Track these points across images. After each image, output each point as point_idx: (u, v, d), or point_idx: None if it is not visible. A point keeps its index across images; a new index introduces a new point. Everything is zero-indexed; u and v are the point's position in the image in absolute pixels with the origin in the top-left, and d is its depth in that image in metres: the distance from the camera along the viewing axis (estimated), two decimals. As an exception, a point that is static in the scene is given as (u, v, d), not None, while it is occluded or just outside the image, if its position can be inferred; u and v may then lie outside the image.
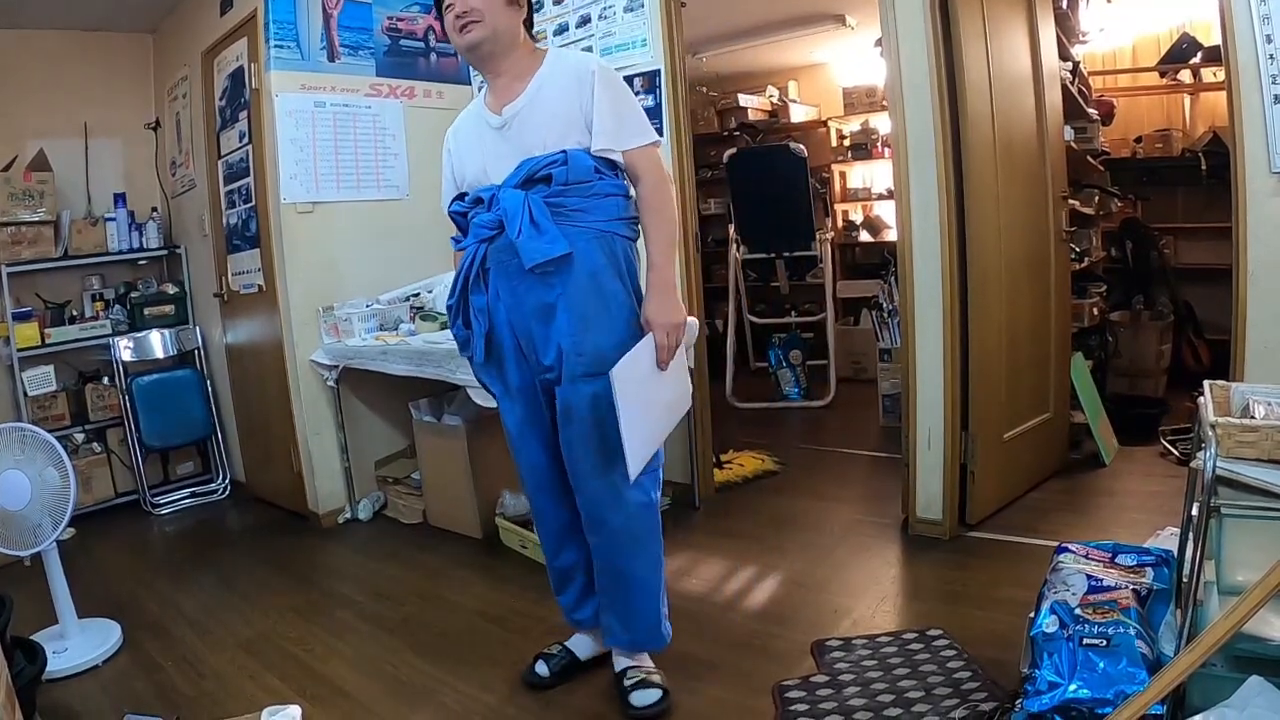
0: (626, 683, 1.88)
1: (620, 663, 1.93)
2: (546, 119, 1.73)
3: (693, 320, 2.91)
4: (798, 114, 6.42)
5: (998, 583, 2.33)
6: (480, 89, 1.89)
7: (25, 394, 3.51)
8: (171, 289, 3.99)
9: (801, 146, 4.76)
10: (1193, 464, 1.50)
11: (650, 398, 1.74)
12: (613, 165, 1.77)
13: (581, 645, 2.05)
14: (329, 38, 3.31)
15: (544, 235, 1.69)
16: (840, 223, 6.22)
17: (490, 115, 1.80)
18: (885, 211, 5.94)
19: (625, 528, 1.82)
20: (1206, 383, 1.60)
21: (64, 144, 3.78)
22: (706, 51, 5.63)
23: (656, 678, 1.89)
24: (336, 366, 3.22)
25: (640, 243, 1.85)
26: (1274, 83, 2.05)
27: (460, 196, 1.89)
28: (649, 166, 1.78)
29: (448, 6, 1.74)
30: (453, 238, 1.94)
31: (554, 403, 1.83)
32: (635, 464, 1.70)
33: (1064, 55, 3.59)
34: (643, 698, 1.84)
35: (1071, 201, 3.44)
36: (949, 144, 2.54)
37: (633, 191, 1.81)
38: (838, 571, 2.53)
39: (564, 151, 1.72)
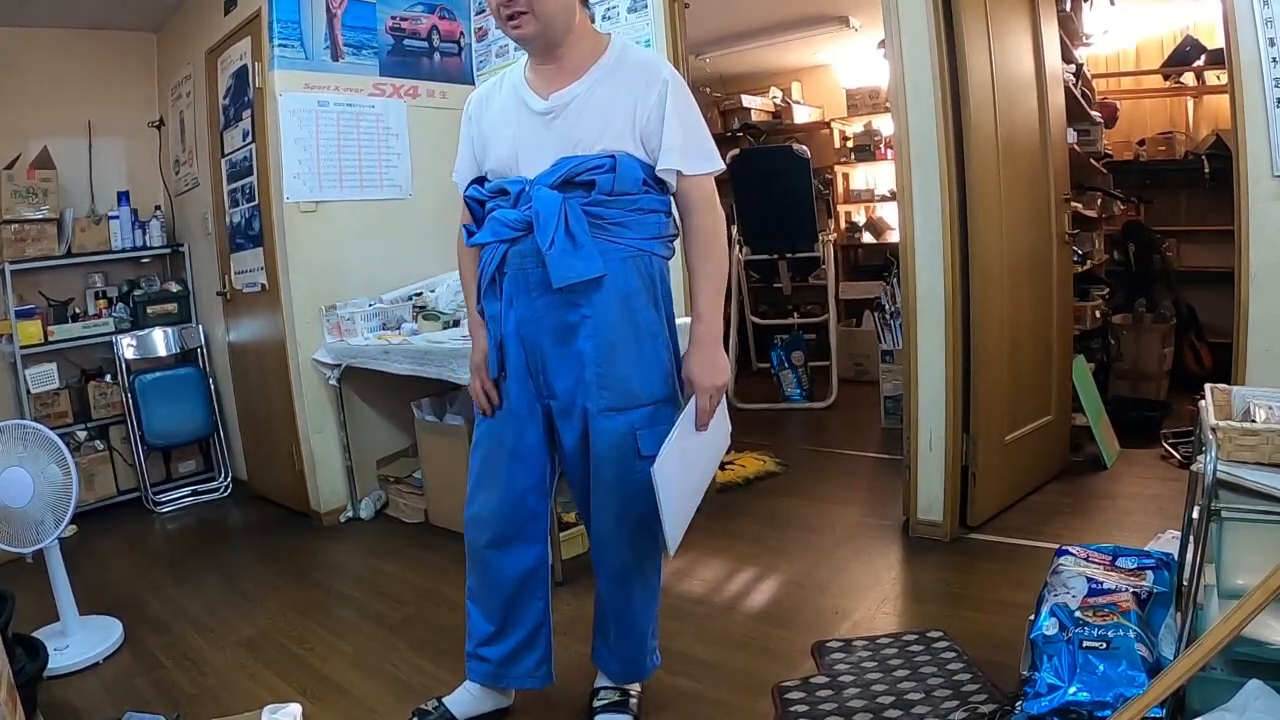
0: (597, 702, 1.81)
1: (601, 679, 1.85)
2: (602, 116, 1.56)
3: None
4: (801, 115, 6.42)
5: (998, 585, 2.33)
6: (523, 60, 1.68)
7: (28, 391, 3.51)
8: (174, 287, 4.00)
9: (804, 148, 4.76)
10: (1193, 467, 1.50)
11: (690, 467, 1.59)
12: (660, 180, 1.60)
13: (461, 703, 1.82)
14: (333, 37, 3.31)
15: (579, 251, 1.52)
16: (843, 224, 6.22)
17: (533, 97, 1.60)
18: (888, 213, 5.93)
19: (629, 567, 1.72)
20: (1208, 386, 1.61)
21: (67, 142, 3.78)
22: (710, 52, 5.64)
23: (633, 702, 1.80)
24: (339, 365, 3.23)
25: (673, 261, 1.69)
26: (1277, 86, 2.04)
27: (480, 181, 1.70)
28: (708, 198, 1.61)
29: None
30: (465, 226, 1.72)
31: (553, 433, 1.70)
32: (675, 541, 1.57)
33: (1067, 57, 3.59)
34: None
35: (1074, 204, 3.44)
36: (951, 145, 2.54)
37: (675, 210, 1.66)
38: (838, 573, 2.53)
39: (612, 156, 1.54)
